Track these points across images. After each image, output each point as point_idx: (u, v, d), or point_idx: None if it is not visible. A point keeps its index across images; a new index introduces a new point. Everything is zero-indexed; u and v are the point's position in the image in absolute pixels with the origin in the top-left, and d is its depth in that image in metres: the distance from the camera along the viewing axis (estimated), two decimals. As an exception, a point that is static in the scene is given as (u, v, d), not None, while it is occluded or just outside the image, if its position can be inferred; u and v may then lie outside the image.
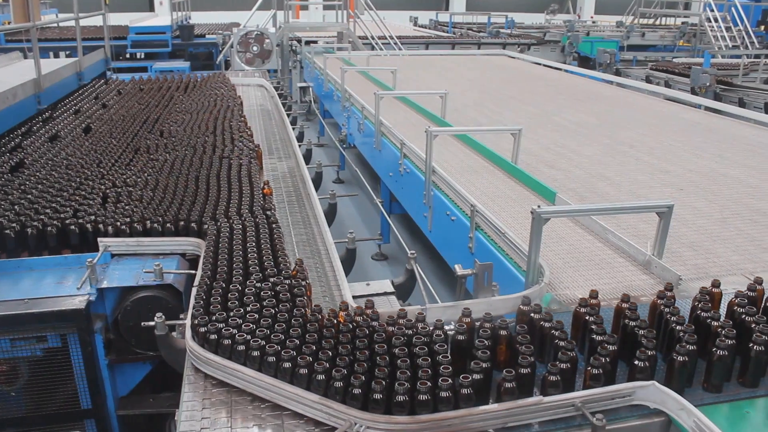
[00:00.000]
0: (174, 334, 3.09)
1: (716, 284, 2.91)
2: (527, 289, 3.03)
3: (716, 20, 18.57)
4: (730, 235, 4.12)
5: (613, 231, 3.84)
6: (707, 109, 8.49)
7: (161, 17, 20.75)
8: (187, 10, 19.82)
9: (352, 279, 3.86)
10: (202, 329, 2.61)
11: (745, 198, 4.80)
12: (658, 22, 23.13)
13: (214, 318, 2.65)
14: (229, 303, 2.80)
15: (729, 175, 5.38)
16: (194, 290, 3.04)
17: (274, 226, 3.76)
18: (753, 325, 2.55)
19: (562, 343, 2.46)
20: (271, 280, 3.01)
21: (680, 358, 2.41)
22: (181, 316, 3.17)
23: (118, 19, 16.37)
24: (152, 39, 15.94)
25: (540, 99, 8.91)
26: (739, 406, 2.45)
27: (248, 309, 2.72)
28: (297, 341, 2.46)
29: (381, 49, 14.46)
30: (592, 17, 31.15)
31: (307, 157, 8.06)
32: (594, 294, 2.82)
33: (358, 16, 15.22)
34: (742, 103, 10.80)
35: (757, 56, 14.70)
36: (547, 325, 2.62)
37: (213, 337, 2.57)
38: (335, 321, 2.60)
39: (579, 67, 13.85)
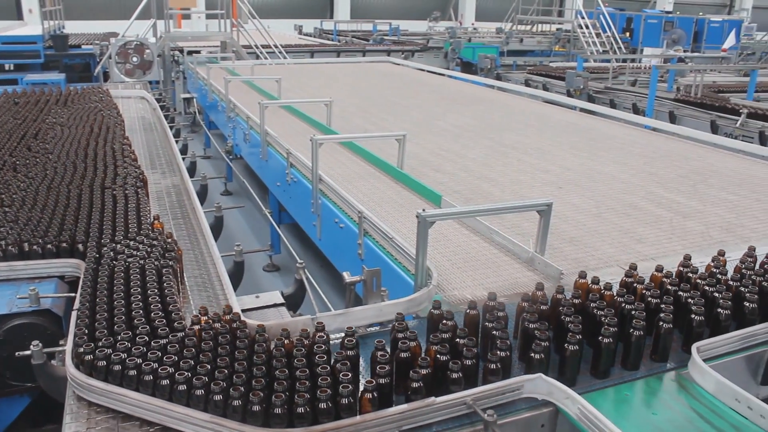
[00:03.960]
0: (53, 362, 2.92)
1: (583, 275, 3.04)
2: (416, 292, 3.06)
3: (587, 27, 19.57)
4: (606, 228, 4.33)
5: (498, 231, 3.95)
6: (582, 110, 8.92)
7: (31, 26, 19.67)
8: (59, 19, 18.87)
9: (244, 291, 3.79)
10: (83, 354, 2.48)
11: (618, 193, 5.07)
12: (534, 29, 24.11)
13: (95, 341, 2.52)
14: (114, 325, 2.66)
15: (603, 172, 5.66)
16: (74, 314, 2.88)
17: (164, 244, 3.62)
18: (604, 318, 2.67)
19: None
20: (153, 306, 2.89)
21: (537, 356, 2.51)
22: (61, 342, 3.00)
23: (-19, 28, 15.41)
24: (22, 49, 15.05)
25: (424, 104, 9.08)
26: (619, 389, 2.57)
27: (134, 330, 2.61)
28: (184, 359, 2.37)
29: (266, 58, 14.32)
30: (473, 24, 32.08)
31: (192, 169, 7.85)
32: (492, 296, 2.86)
33: (241, 25, 15.01)
34: (612, 104, 11.41)
35: (624, 60, 15.58)
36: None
37: (95, 361, 2.44)
38: (219, 335, 2.54)
39: (462, 73, 14.22)
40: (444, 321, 2.62)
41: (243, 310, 3.06)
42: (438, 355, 2.44)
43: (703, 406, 2.44)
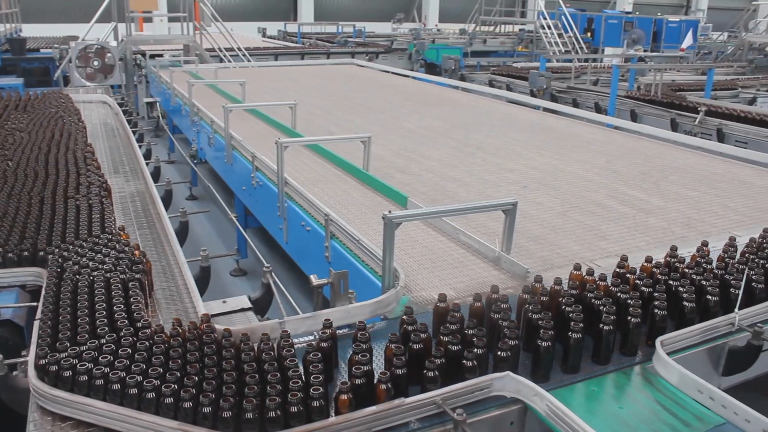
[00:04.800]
0: (15, 373, 2.85)
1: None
2: (384, 294, 3.07)
3: (549, 27, 19.79)
4: (570, 226, 4.38)
5: (464, 231, 3.97)
6: (545, 109, 9.02)
7: (-14, 30, 19.27)
8: (16, 21, 18.52)
9: (211, 297, 3.74)
10: (46, 364, 2.43)
11: (582, 191, 5.13)
12: (498, 30, 24.29)
13: (59, 351, 2.47)
14: (77, 334, 2.61)
15: (567, 170, 5.73)
16: (36, 323, 2.82)
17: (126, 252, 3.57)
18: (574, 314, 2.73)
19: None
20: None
21: (544, 344, 2.56)
22: (23, 353, 2.93)
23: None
24: (-23, 54, 14.77)
25: (389, 106, 9.10)
26: (586, 385, 2.61)
27: (99, 339, 2.56)
28: (147, 367, 2.34)
29: (229, 61, 14.22)
30: (436, 25, 32.18)
31: (156, 174, 7.75)
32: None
33: (204, 28, 14.89)
34: (575, 104, 11.55)
35: (585, 60, 15.79)
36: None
37: (59, 371, 2.39)
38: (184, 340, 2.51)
39: (426, 74, 14.27)
40: (452, 313, 2.68)
41: (211, 316, 3.03)
42: (450, 346, 2.51)
43: (667, 398, 2.48)
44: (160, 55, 13.73)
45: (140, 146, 7.27)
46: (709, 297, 2.95)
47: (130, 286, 3.06)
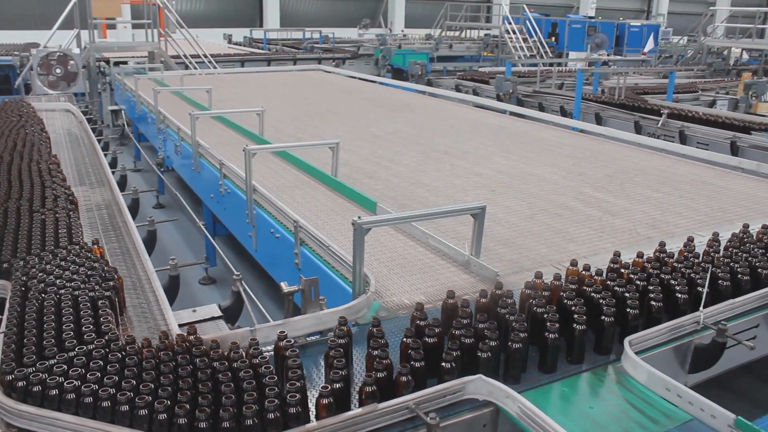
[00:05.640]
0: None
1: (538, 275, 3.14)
2: (354, 300, 3.07)
3: (514, 32, 19.98)
4: (539, 229, 4.42)
5: (433, 235, 3.99)
6: (512, 114, 9.10)
7: (-58, 38, 18.85)
8: (-26, 30, 18.16)
9: (180, 306, 3.71)
10: (12, 378, 2.38)
11: (550, 194, 5.19)
12: (463, 35, 24.44)
13: (24, 364, 2.42)
14: (43, 347, 2.56)
15: (534, 174, 5.79)
16: (0, 336, 2.76)
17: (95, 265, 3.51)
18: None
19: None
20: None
21: (552, 336, 2.66)
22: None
23: None
24: (-67, 62, 14.43)
25: (357, 112, 9.11)
26: (557, 385, 2.64)
27: (66, 351, 2.52)
28: (115, 378, 2.31)
29: (195, 68, 14.11)
30: (402, 31, 32.27)
31: (122, 183, 7.66)
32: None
33: (169, 34, 14.74)
34: (541, 107, 11.67)
35: (550, 64, 15.98)
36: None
37: (25, 385, 2.34)
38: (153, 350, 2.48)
39: (393, 79, 14.30)
40: (461, 308, 2.75)
41: (180, 325, 3.01)
42: (464, 339, 2.59)
43: (636, 396, 2.52)
44: (125, 63, 13.56)
45: (106, 155, 7.18)
46: (700, 288, 3.06)
47: (99, 305, 3.00)
